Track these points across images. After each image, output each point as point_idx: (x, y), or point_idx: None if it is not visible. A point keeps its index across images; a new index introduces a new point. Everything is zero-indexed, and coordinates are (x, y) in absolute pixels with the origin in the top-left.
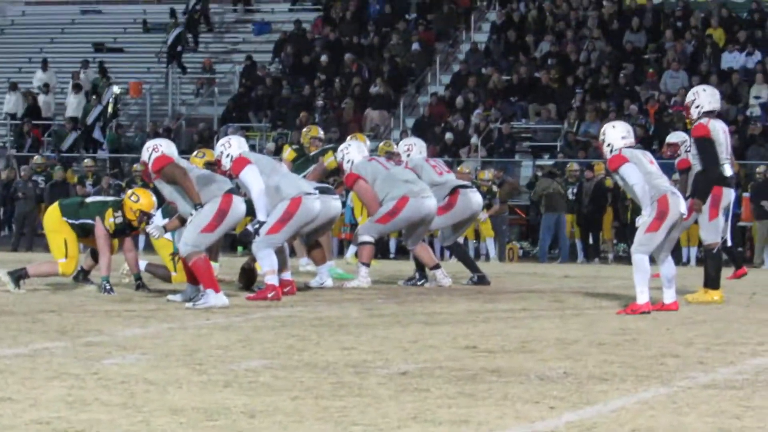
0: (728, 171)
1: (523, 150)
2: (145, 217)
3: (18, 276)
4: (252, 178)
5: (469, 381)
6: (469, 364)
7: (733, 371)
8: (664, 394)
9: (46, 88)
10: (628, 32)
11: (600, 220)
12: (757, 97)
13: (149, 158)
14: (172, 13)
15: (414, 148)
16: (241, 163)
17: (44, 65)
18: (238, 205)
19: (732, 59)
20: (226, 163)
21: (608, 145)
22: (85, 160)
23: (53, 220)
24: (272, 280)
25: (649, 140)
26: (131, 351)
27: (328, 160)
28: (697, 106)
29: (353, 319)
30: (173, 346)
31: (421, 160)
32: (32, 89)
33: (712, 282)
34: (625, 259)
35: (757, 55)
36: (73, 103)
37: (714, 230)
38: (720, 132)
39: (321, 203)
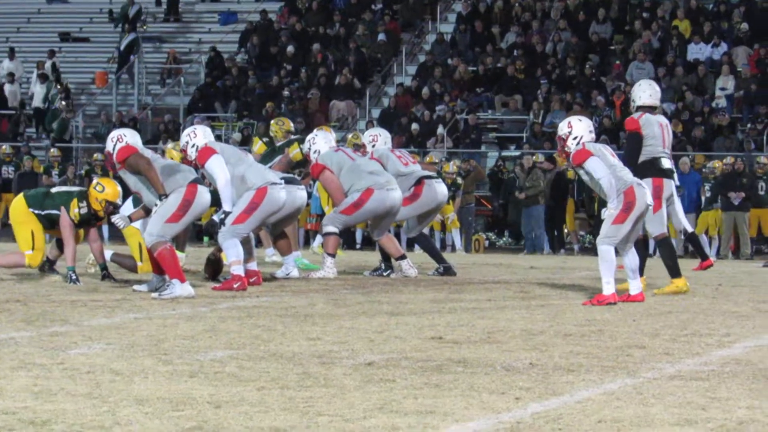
0: (666, 163)
1: (489, 141)
2: (111, 206)
3: None
4: (217, 168)
5: (435, 371)
6: (435, 355)
7: (699, 362)
8: (630, 384)
9: (11, 77)
10: (594, 23)
11: (561, 212)
12: (722, 89)
13: (113, 148)
14: (126, 19)
15: (379, 138)
16: (206, 153)
17: (11, 54)
18: (203, 194)
19: (698, 51)
20: (192, 153)
21: (575, 137)
22: (51, 150)
23: (19, 211)
24: (238, 270)
25: (616, 131)
26: (97, 341)
27: (294, 152)
28: (634, 101)
29: (319, 310)
30: (139, 336)
31: (386, 150)
32: None
33: (671, 270)
34: (591, 250)
35: (723, 47)
36: (40, 93)
37: (659, 222)
38: (655, 125)
39: (286, 193)
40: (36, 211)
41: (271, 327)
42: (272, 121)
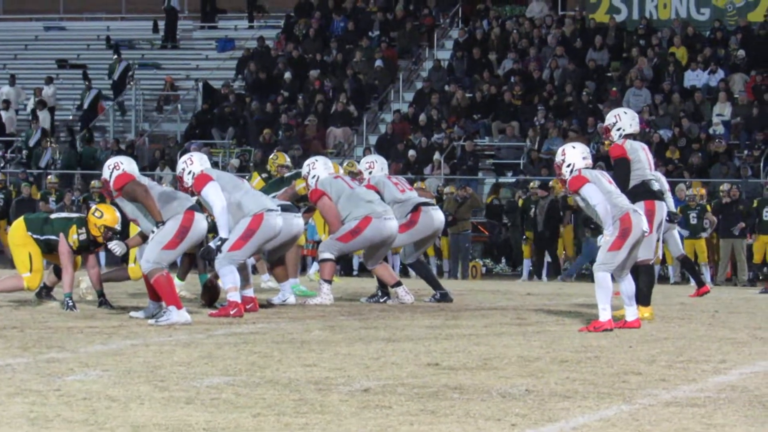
0: (655, 185)
1: (486, 167)
2: (110, 232)
3: None
4: (214, 195)
5: (431, 398)
6: (431, 382)
7: (695, 389)
8: (626, 411)
9: (6, 104)
10: (591, 50)
11: (555, 238)
12: (719, 115)
13: (110, 176)
14: (116, 49)
15: (376, 165)
16: (202, 180)
17: (12, 80)
18: (200, 221)
19: (695, 77)
20: (188, 180)
21: (568, 165)
22: (49, 177)
23: (18, 234)
24: (234, 297)
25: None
26: (93, 367)
27: (299, 186)
28: (618, 129)
29: (315, 336)
30: (135, 362)
31: (383, 177)
32: None
33: (643, 298)
34: (587, 276)
35: (720, 74)
36: (38, 119)
37: (648, 247)
38: (639, 150)
39: (283, 220)
40: (35, 236)
41: (268, 353)
42: (270, 157)
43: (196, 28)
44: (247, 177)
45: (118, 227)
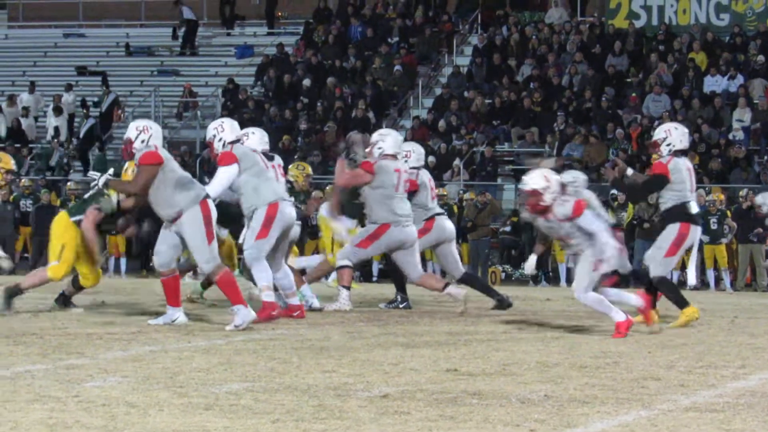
0: (694, 208)
1: (506, 173)
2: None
3: (10, 295)
4: (223, 178)
5: (450, 404)
6: (450, 387)
7: (714, 394)
8: (645, 417)
9: (25, 111)
10: (611, 56)
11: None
12: (739, 121)
13: (136, 138)
14: (104, 80)
15: (413, 155)
16: (227, 158)
17: (31, 88)
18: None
19: (714, 83)
20: (218, 147)
21: (668, 144)
22: (68, 183)
23: (58, 224)
24: (269, 297)
25: (632, 163)
26: (112, 374)
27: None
28: (668, 144)
29: (334, 342)
30: (155, 368)
31: (427, 181)
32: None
33: (679, 303)
34: None
35: (740, 79)
36: (54, 126)
37: (665, 266)
38: (683, 170)
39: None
40: (78, 218)
41: (287, 359)
42: (290, 166)
43: (216, 34)
44: None
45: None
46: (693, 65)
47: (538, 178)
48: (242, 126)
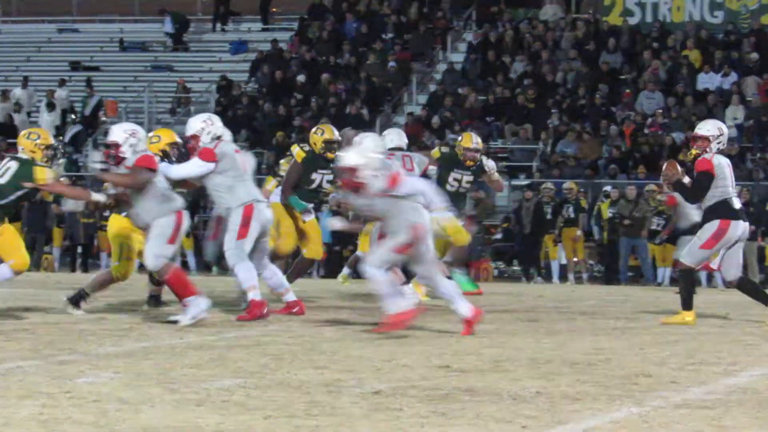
0: (737, 203)
1: (500, 170)
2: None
3: (76, 300)
4: (192, 170)
5: (442, 400)
6: (442, 384)
7: (706, 391)
8: (636, 413)
9: (17, 106)
10: (605, 53)
11: (540, 239)
12: (733, 118)
13: (126, 143)
14: (88, 82)
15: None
16: (207, 155)
17: (24, 83)
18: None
19: (708, 80)
20: (207, 140)
21: (719, 142)
22: (61, 179)
23: (114, 224)
24: (255, 295)
25: (625, 161)
26: (104, 369)
27: (270, 184)
28: (719, 142)
29: (327, 338)
30: (146, 364)
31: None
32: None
33: (685, 303)
34: (599, 279)
35: (733, 76)
36: (47, 122)
37: (697, 257)
38: (725, 167)
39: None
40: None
41: (279, 356)
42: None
43: (210, 30)
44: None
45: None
46: (687, 62)
47: (356, 155)
48: (236, 122)
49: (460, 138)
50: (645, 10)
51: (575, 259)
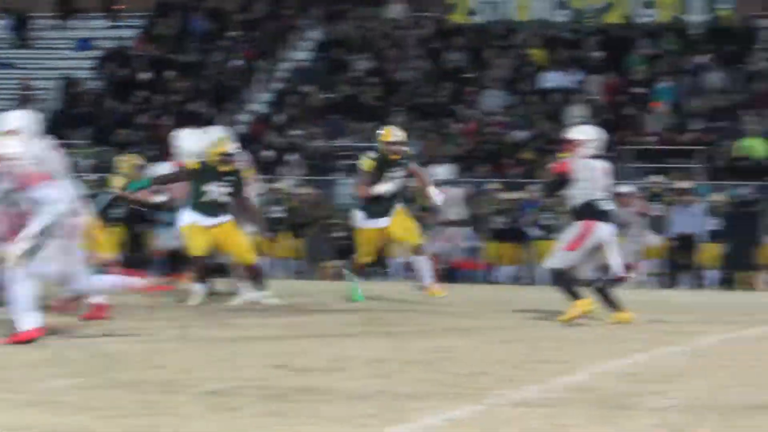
0: (604, 205)
1: (344, 168)
2: None
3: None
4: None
5: (281, 400)
6: (281, 383)
7: (544, 389)
8: (476, 411)
9: None
10: (449, 51)
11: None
12: (577, 117)
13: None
14: None
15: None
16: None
17: None
18: None
19: (553, 79)
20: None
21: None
22: None
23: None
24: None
25: (468, 158)
26: None
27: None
28: (589, 146)
29: (165, 337)
30: None
31: None
32: None
33: (571, 296)
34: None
35: (578, 75)
36: None
37: (563, 259)
38: (592, 170)
39: None
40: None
41: (115, 355)
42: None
43: (53, 27)
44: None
45: None
46: (532, 61)
47: (10, 144)
48: (80, 120)
49: (381, 133)
50: (490, 9)
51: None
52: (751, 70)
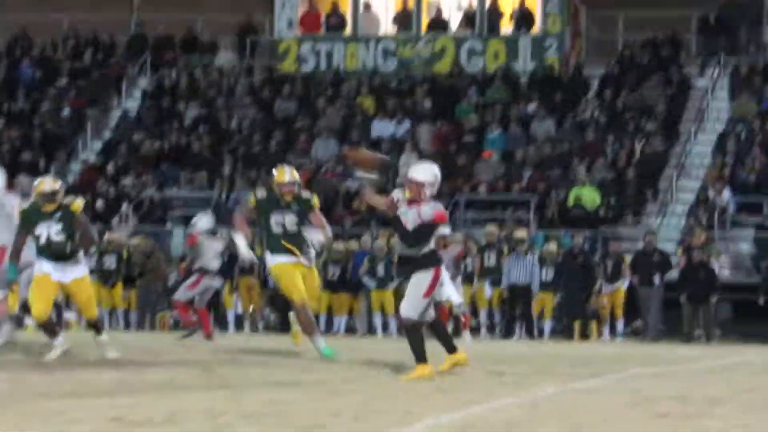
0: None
1: (175, 217)
2: None
3: None
4: None
5: None
6: None
7: None
8: None
9: None
10: (280, 100)
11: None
12: (405, 165)
13: None
14: None
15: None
16: None
17: None
18: None
19: (382, 127)
20: None
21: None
22: None
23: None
24: None
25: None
26: None
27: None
28: (433, 188)
29: None
30: None
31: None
32: None
33: (417, 356)
34: (270, 328)
35: (407, 124)
36: None
37: (419, 309)
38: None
39: None
40: None
41: None
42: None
43: None
44: None
45: None
46: (361, 110)
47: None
48: None
49: (273, 174)
50: (319, 58)
51: (251, 308)
52: (581, 119)
